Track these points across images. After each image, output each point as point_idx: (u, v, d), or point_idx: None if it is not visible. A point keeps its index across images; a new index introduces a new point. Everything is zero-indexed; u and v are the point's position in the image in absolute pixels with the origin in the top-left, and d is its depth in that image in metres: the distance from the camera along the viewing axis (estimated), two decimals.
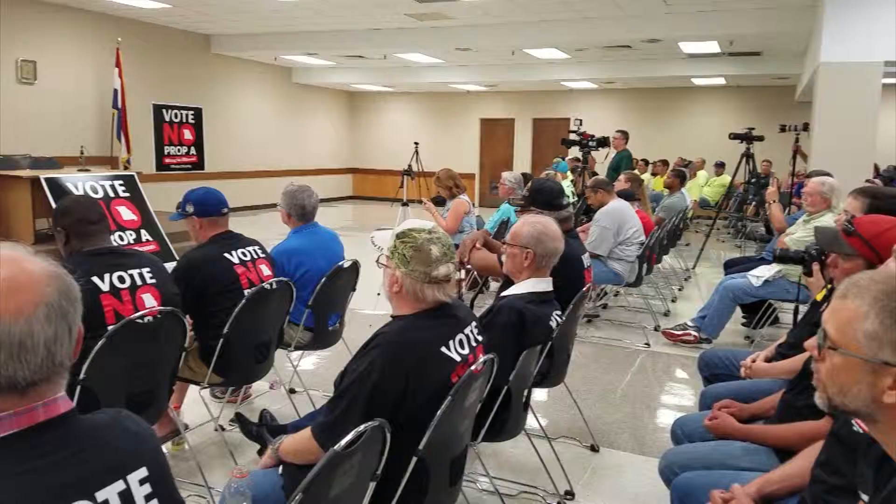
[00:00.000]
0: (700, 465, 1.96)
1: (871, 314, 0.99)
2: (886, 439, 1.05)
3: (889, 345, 0.97)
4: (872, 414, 1.02)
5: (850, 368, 1.02)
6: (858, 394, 1.01)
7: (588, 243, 4.66)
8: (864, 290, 1.02)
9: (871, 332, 0.99)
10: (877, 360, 0.98)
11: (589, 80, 12.98)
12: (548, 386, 2.87)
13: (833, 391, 1.05)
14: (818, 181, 4.21)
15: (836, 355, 1.03)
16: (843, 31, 6.31)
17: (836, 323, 1.04)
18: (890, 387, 0.97)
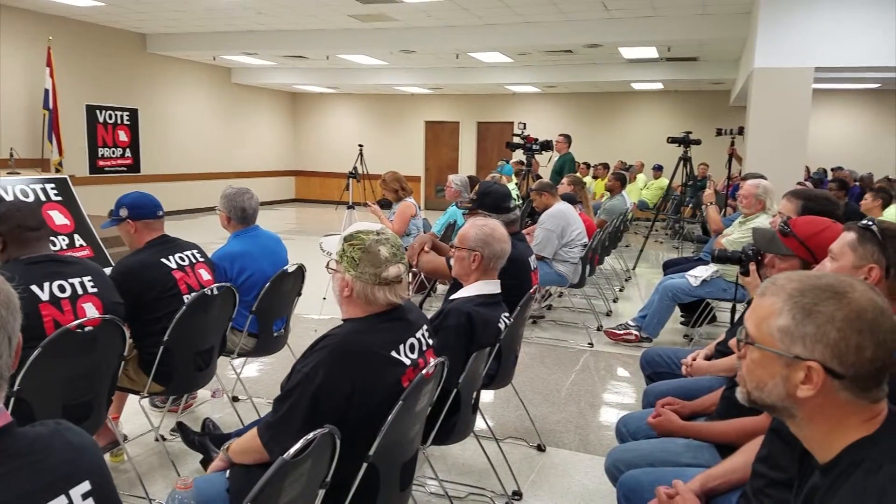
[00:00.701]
0: (645, 462, 2.00)
1: (784, 310, 1.02)
2: (803, 434, 1.08)
3: (800, 339, 1.00)
4: (789, 409, 1.05)
5: (766, 363, 1.04)
6: (774, 388, 1.04)
7: (533, 245, 4.71)
8: (781, 289, 1.05)
9: (784, 328, 1.02)
10: (789, 355, 1.01)
11: (532, 85, 13.17)
12: (496, 387, 2.88)
13: (752, 386, 1.08)
14: (753, 184, 4.37)
15: (754, 350, 1.06)
16: (775, 38, 6.59)
17: (754, 319, 1.07)
18: (802, 381, 1.00)
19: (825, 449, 1.04)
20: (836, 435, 1.02)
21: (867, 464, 0.97)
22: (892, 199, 5.75)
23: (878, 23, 6.33)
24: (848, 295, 1.00)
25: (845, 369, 0.98)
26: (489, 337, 2.37)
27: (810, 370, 0.99)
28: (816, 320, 0.99)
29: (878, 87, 12.12)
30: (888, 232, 1.60)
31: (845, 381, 0.99)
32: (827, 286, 1.02)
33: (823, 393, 1.00)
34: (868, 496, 0.93)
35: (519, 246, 3.16)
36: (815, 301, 1.01)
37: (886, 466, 0.95)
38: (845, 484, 0.98)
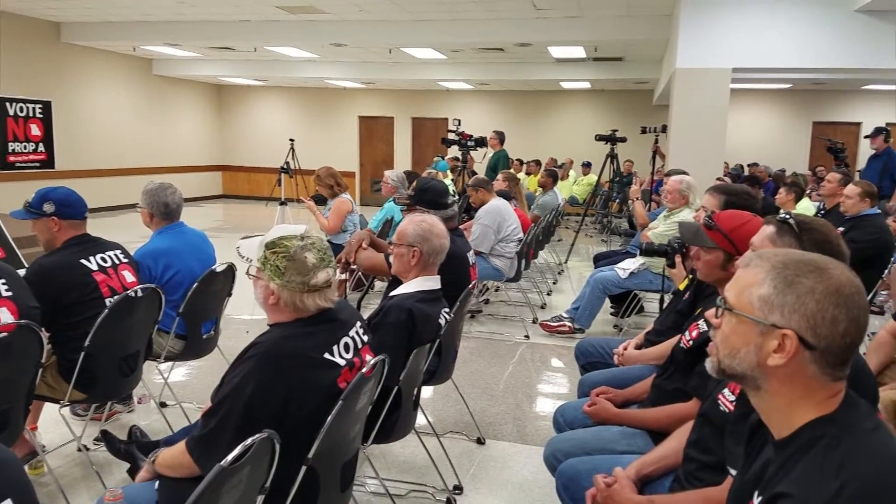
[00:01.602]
0: (582, 451, 2.04)
1: (766, 280, 1.06)
2: (764, 407, 1.11)
3: (779, 308, 1.04)
4: (756, 378, 1.08)
5: (741, 331, 1.08)
6: (746, 356, 1.07)
7: (471, 240, 4.74)
8: (766, 261, 1.09)
9: (765, 296, 1.06)
10: (766, 322, 1.05)
11: (465, 81, 13.24)
12: (436, 383, 2.89)
13: (724, 354, 1.11)
14: (676, 179, 4.55)
15: (731, 317, 1.10)
16: (696, 39, 6.87)
17: (735, 289, 1.11)
18: (775, 350, 1.04)
19: (784, 423, 1.07)
20: (796, 409, 1.06)
21: (826, 440, 1.00)
22: (803, 192, 6.11)
23: (789, 27, 6.70)
24: (829, 270, 1.04)
25: (818, 341, 1.02)
26: (430, 333, 2.37)
27: (784, 338, 1.03)
28: (797, 290, 1.03)
29: (789, 87, 12.84)
30: (804, 225, 1.69)
31: (815, 354, 1.02)
32: (810, 261, 1.06)
33: (793, 363, 1.03)
34: (826, 471, 0.96)
35: (458, 241, 3.18)
36: (797, 273, 1.04)
37: (845, 443, 0.99)
38: (803, 459, 1.01)
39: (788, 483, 0.99)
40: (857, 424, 1.02)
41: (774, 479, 1.04)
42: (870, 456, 0.97)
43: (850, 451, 0.97)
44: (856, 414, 1.04)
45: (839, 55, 6.70)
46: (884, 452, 0.98)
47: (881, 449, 0.99)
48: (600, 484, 1.68)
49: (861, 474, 0.94)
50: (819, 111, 13.43)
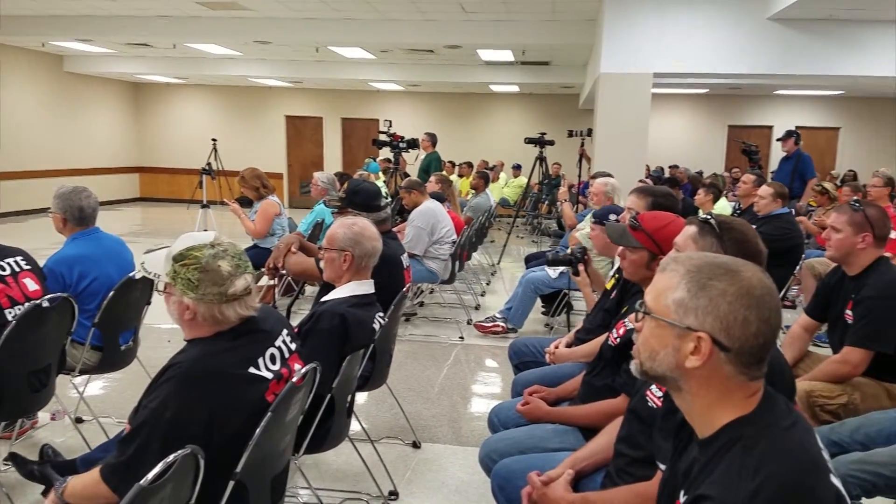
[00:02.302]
0: (516, 450, 2.06)
1: (681, 284, 1.09)
2: (686, 407, 1.14)
3: (693, 311, 1.06)
4: (677, 380, 1.10)
5: (659, 334, 1.11)
6: (665, 358, 1.10)
7: (405, 243, 4.72)
8: (681, 265, 1.12)
9: (680, 300, 1.08)
10: (682, 325, 1.08)
11: (395, 82, 13.19)
12: (370, 389, 2.85)
13: (645, 356, 1.14)
14: (602, 182, 4.67)
15: (650, 321, 1.12)
16: (619, 45, 7.09)
17: (653, 292, 1.13)
18: (692, 352, 1.07)
19: (706, 423, 1.10)
20: (717, 409, 1.08)
21: (744, 441, 1.03)
22: (721, 193, 6.40)
23: (705, 35, 7.03)
24: (740, 273, 1.07)
25: (731, 342, 1.04)
26: (364, 338, 2.33)
27: (700, 341, 1.05)
28: (710, 293, 1.06)
29: (706, 91, 13.46)
30: (724, 225, 1.76)
31: (730, 355, 1.05)
32: (722, 264, 1.10)
33: (709, 365, 1.06)
34: (744, 472, 0.99)
35: (391, 244, 3.14)
36: (710, 276, 1.07)
37: (762, 443, 1.02)
38: (723, 460, 1.04)
39: (709, 485, 1.02)
40: (774, 424, 1.05)
41: (698, 479, 1.07)
42: (785, 456, 1.00)
43: (766, 451, 1.00)
44: (773, 413, 1.07)
45: (752, 62, 7.08)
46: (798, 452, 1.02)
47: (796, 448, 1.02)
48: (535, 482, 1.69)
49: (776, 475, 0.97)
50: (734, 115, 14.14)
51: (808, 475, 0.99)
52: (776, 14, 6.69)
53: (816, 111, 13.82)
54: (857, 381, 2.45)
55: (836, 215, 2.59)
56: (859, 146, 13.70)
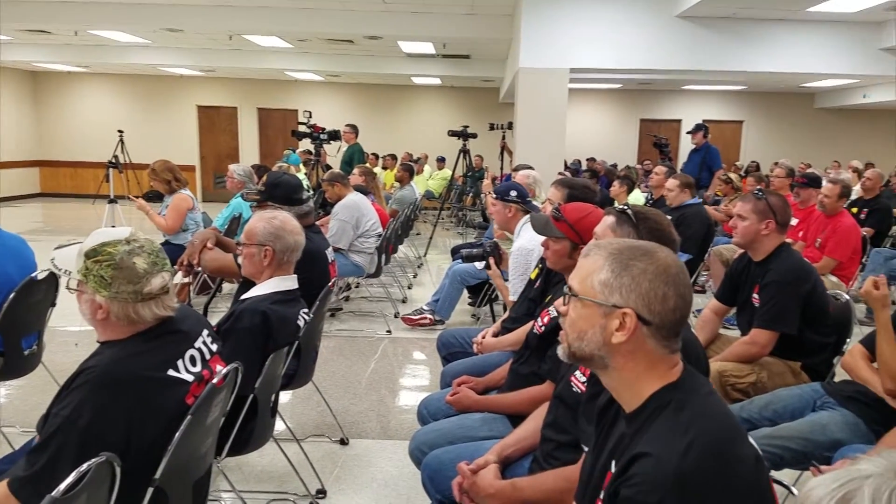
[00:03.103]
0: (446, 441, 2.07)
1: (605, 266, 1.16)
2: (614, 385, 1.21)
3: (618, 290, 1.14)
4: (604, 358, 1.17)
5: (587, 314, 1.17)
6: (593, 337, 1.16)
7: (329, 237, 4.64)
8: (603, 249, 1.19)
9: (605, 281, 1.15)
10: (608, 304, 1.14)
11: (314, 72, 12.91)
12: (295, 387, 2.79)
13: (573, 338, 1.19)
14: (523, 174, 4.75)
15: (577, 303, 1.18)
16: (536, 40, 7.22)
17: (579, 276, 1.20)
18: (617, 328, 1.13)
19: (634, 396, 1.17)
20: (643, 381, 1.16)
21: (673, 404, 1.11)
22: (634, 184, 6.65)
23: (618, 32, 7.26)
24: (657, 254, 1.16)
25: (653, 316, 1.12)
26: (287, 335, 2.27)
27: (625, 317, 1.13)
28: (632, 272, 1.14)
29: (620, 87, 13.95)
30: (640, 215, 1.84)
31: (652, 328, 1.13)
32: (640, 246, 1.19)
33: (634, 339, 1.13)
34: (677, 429, 1.07)
35: (315, 238, 3.08)
36: (630, 257, 1.15)
37: (689, 405, 1.11)
38: (655, 422, 1.11)
39: (644, 443, 1.09)
40: (698, 389, 1.15)
41: (630, 446, 1.13)
42: (711, 415, 1.10)
43: (694, 411, 1.09)
44: (695, 381, 1.17)
45: (662, 58, 7.38)
46: (721, 411, 1.13)
47: (718, 409, 1.13)
48: (464, 471, 1.71)
49: (706, 431, 1.06)
50: (646, 109, 14.73)
51: (731, 435, 1.09)
52: (684, 12, 6.99)
53: (722, 105, 14.59)
54: (764, 360, 2.60)
55: (741, 204, 2.74)
56: (762, 138, 14.59)
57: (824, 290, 2.68)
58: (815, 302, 2.58)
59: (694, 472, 1.01)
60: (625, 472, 1.08)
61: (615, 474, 1.12)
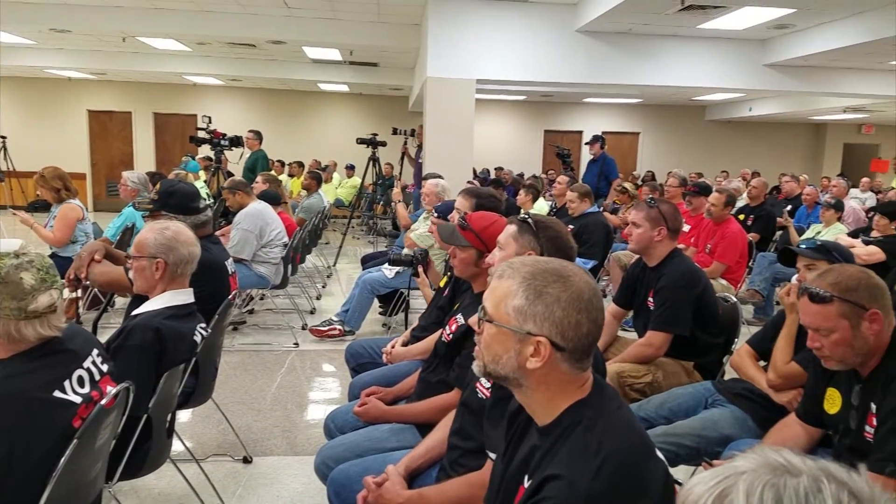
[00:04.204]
0: (353, 454, 2.03)
1: (519, 292, 1.15)
2: (528, 402, 1.22)
3: (532, 318, 1.14)
4: (519, 379, 1.18)
5: (501, 339, 1.17)
6: (508, 361, 1.16)
7: (230, 247, 4.47)
8: (516, 272, 1.18)
9: (519, 307, 1.15)
10: (522, 331, 1.14)
11: (215, 76, 12.45)
12: (194, 405, 2.65)
13: (488, 360, 1.19)
14: (433, 183, 4.79)
15: (491, 327, 1.18)
16: (443, 51, 7.30)
17: (493, 300, 1.19)
18: (532, 354, 1.14)
19: (547, 413, 1.18)
20: (556, 400, 1.17)
21: (584, 422, 1.13)
22: (539, 193, 6.85)
23: (521, 45, 7.47)
24: (571, 279, 1.16)
25: (566, 343, 1.13)
26: (183, 352, 2.15)
27: (539, 344, 1.13)
28: (546, 300, 1.14)
29: (524, 98, 14.35)
30: (540, 223, 1.89)
31: (565, 354, 1.14)
32: (554, 270, 1.17)
33: (548, 364, 1.14)
34: (588, 450, 1.08)
35: (213, 249, 2.96)
36: (544, 283, 1.15)
37: (600, 423, 1.12)
38: (567, 441, 1.12)
39: (556, 465, 1.10)
40: (607, 405, 1.17)
41: (542, 463, 1.14)
42: (621, 433, 1.12)
43: (604, 430, 1.11)
44: (604, 396, 1.19)
45: (563, 71, 7.66)
46: (631, 429, 1.15)
47: (628, 426, 1.15)
48: (370, 485, 1.68)
49: (616, 451, 1.08)
50: (549, 121, 15.23)
51: (641, 453, 1.12)
52: (583, 27, 7.29)
53: (620, 117, 15.32)
54: (659, 360, 2.73)
55: (635, 212, 2.87)
56: (657, 149, 15.43)
57: (713, 293, 2.85)
58: (705, 304, 2.74)
59: (604, 493, 1.03)
60: (537, 493, 1.09)
61: (528, 493, 1.13)
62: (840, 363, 1.74)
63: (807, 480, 0.60)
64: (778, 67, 8.26)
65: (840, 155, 15.73)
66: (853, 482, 0.60)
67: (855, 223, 6.50)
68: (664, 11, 6.62)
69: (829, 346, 1.71)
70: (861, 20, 6.65)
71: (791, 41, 7.68)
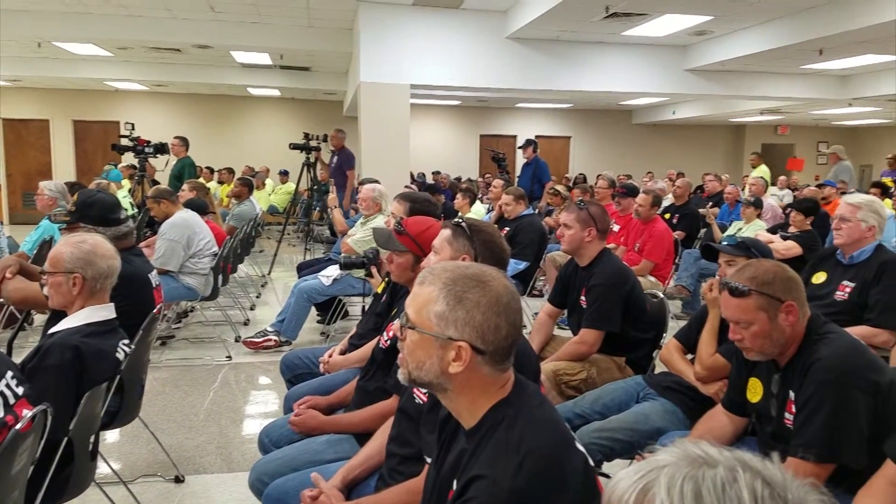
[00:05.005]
0: (289, 468, 1.98)
1: (440, 298, 1.17)
2: (453, 406, 1.24)
3: (453, 323, 1.15)
4: (443, 384, 1.19)
5: (424, 345, 1.18)
6: (431, 367, 1.17)
7: (155, 259, 4.30)
8: (437, 278, 1.19)
9: (440, 313, 1.16)
10: (444, 337, 1.16)
11: (138, 82, 11.99)
12: (120, 425, 2.53)
13: (412, 366, 1.20)
14: (369, 188, 4.75)
15: (414, 334, 1.19)
16: (377, 55, 7.27)
17: (415, 306, 1.20)
18: (454, 359, 1.16)
19: (471, 415, 1.20)
20: (479, 402, 1.19)
21: (506, 421, 1.15)
22: (476, 197, 6.91)
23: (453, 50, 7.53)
24: (490, 283, 1.18)
25: (487, 346, 1.15)
26: (105, 370, 2.05)
27: (460, 349, 1.15)
28: (466, 306, 1.15)
29: (459, 103, 14.46)
30: (474, 228, 1.91)
31: (486, 357, 1.16)
32: (473, 275, 1.19)
33: (470, 368, 1.16)
34: (509, 448, 1.10)
35: (135, 262, 2.84)
36: (464, 289, 1.16)
37: (520, 421, 1.15)
38: (490, 441, 1.14)
39: (480, 465, 1.11)
40: (528, 403, 1.20)
41: (468, 464, 1.16)
42: (541, 429, 1.15)
43: (525, 428, 1.13)
44: (525, 394, 1.22)
45: (495, 77, 7.77)
46: (551, 424, 1.18)
47: (548, 421, 1.18)
48: (306, 500, 1.65)
49: (537, 446, 1.10)
50: (484, 125, 15.42)
51: (560, 446, 1.14)
52: (513, 34, 7.42)
53: (552, 122, 15.66)
54: (593, 357, 2.79)
55: (565, 214, 2.93)
56: (587, 152, 15.85)
57: (642, 290, 2.94)
58: (634, 301, 2.82)
59: (526, 489, 1.06)
60: (463, 495, 1.11)
61: (455, 495, 1.15)
62: (760, 354, 1.82)
63: (723, 471, 0.62)
64: (698, 72, 8.64)
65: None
66: (767, 470, 0.62)
67: (773, 220, 6.84)
68: (590, 19, 6.81)
69: (749, 338, 1.79)
70: (773, 27, 7.04)
71: (710, 47, 8.05)
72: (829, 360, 1.70)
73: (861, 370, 1.68)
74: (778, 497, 0.60)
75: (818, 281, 3.01)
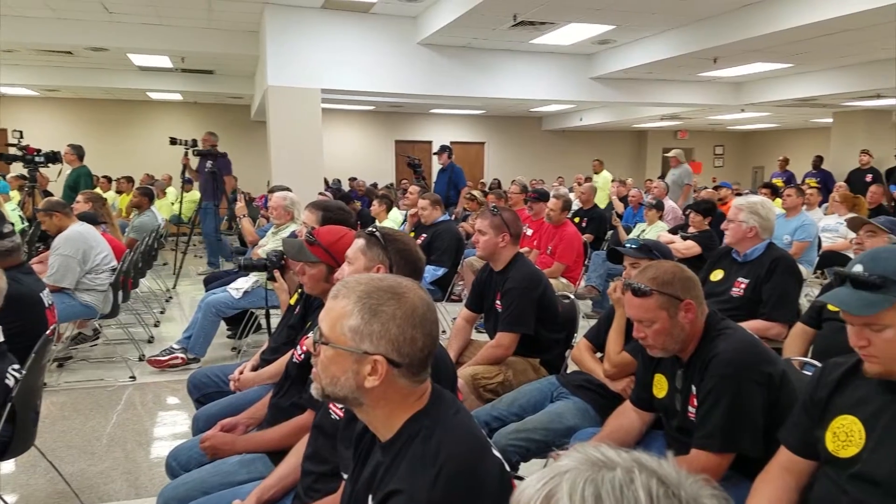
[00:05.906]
0: (199, 492, 1.90)
1: (355, 311, 1.15)
2: (369, 419, 1.22)
3: (368, 337, 1.14)
4: (358, 398, 1.17)
5: (339, 360, 1.15)
6: (346, 382, 1.15)
7: (49, 276, 4.01)
8: (351, 291, 1.17)
9: (355, 327, 1.14)
10: (359, 351, 1.14)
11: (26, 87, 11.18)
12: (13, 456, 2.34)
13: (326, 382, 1.17)
14: (280, 196, 4.63)
15: (328, 349, 1.16)
16: (285, 59, 7.11)
17: (328, 321, 1.17)
18: (370, 373, 1.14)
19: (388, 428, 1.19)
20: (396, 415, 1.18)
21: (423, 433, 1.14)
22: (393, 204, 6.88)
23: (365, 55, 7.49)
24: (405, 295, 1.17)
25: (402, 358, 1.14)
26: None
27: (376, 363, 1.13)
28: (381, 319, 1.14)
29: (373, 108, 14.39)
30: (388, 237, 1.89)
31: (402, 369, 1.15)
32: (388, 287, 1.17)
33: (386, 381, 1.14)
34: (426, 460, 1.09)
35: (25, 280, 2.65)
36: (379, 302, 1.15)
37: (437, 432, 1.14)
38: (407, 454, 1.13)
39: (397, 480, 1.10)
40: (444, 413, 1.19)
41: (385, 478, 1.14)
42: (457, 439, 1.14)
43: (441, 438, 1.13)
44: (442, 404, 1.21)
45: (406, 82, 7.78)
46: (467, 433, 1.18)
47: (464, 430, 1.18)
48: None
49: (453, 456, 1.10)
50: (399, 131, 15.42)
51: (477, 454, 1.14)
52: (425, 39, 7.46)
53: (466, 128, 15.88)
54: (509, 360, 2.84)
55: (480, 220, 2.98)
56: (501, 158, 16.16)
57: (553, 292, 3.02)
58: (547, 304, 2.90)
59: (443, 501, 1.06)
60: None
61: None
62: (662, 350, 1.91)
63: (621, 473, 0.64)
64: (602, 80, 9.01)
65: (660, 159, 17.47)
66: (662, 469, 0.65)
67: (674, 221, 7.21)
68: (499, 27, 6.96)
69: (652, 336, 1.87)
70: (671, 36, 7.44)
71: (613, 56, 8.41)
72: (726, 354, 1.80)
73: (755, 364, 1.79)
74: (672, 495, 0.63)
75: (716, 278, 3.19)
